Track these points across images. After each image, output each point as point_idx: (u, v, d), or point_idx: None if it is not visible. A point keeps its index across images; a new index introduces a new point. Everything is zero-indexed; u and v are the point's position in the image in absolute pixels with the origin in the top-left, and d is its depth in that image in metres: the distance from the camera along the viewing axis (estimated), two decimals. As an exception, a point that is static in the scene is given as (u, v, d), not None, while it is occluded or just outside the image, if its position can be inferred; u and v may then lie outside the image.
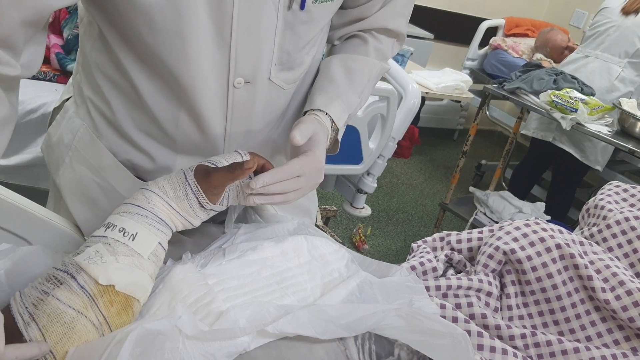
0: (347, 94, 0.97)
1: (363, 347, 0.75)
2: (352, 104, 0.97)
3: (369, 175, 2.32)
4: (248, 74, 0.86)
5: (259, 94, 0.90)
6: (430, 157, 4.59)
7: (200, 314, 0.71)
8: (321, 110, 0.93)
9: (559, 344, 0.94)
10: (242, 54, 0.84)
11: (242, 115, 0.91)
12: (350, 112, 0.97)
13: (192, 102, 0.86)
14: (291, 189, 0.83)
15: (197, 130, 0.90)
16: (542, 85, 2.75)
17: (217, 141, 0.93)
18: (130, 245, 0.71)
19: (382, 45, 1.04)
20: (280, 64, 0.89)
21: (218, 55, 0.83)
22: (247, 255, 0.84)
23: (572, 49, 3.94)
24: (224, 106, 0.88)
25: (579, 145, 2.97)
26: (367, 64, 1.01)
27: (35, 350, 0.60)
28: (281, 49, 0.87)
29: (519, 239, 1.08)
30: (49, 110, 1.90)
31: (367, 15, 1.00)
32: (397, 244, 3.22)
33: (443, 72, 3.37)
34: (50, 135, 1.04)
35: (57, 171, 1.01)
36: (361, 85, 0.99)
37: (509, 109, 4.55)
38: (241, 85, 0.87)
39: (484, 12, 4.62)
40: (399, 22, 1.04)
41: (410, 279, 0.88)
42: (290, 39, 0.87)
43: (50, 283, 0.66)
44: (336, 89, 0.96)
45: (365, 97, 1.02)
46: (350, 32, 1.04)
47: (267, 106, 0.93)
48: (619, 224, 1.17)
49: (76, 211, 0.98)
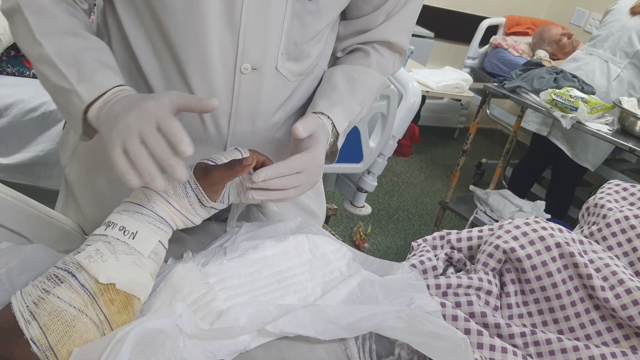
0: (349, 101, 0.98)
1: (364, 346, 0.76)
2: (353, 111, 0.99)
3: (369, 173, 2.33)
4: (255, 60, 0.88)
5: (265, 83, 0.91)
6: (430, 156, 4.60)
7: (201, 312, 0.71)
8: (323, 113, 0.94)
9: (559, 342, 0.95)
10: (251, 39, 0.86)
11: (247, 104, 0.92)
12: (350, 119, 0.99)
13: (198, 85, 0.88)
14: (291, 185, 0.83)
15: (199, 116, 0.91)
16: (543, 83, 2.75)
17: (221, 130, 0.93)
18: (131, 244, 0.71)
19: (384, 59, 1.06)
20: (287, 53, 0.91)
21: (227, 37, 0.85)
22: (248, 254, 0.84)
23: (569, 35, 3.95)
24: (229, 92, 0.90)
25: (571, 142, 2.97)
26: (368, 75, 1.03)
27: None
28: (289, 37, 0.89)
29: (519, 237, 1.08)
30: (50, 109, 1.90)
31: (371, 28, 1.02)
32: (397, 242, 3.22)
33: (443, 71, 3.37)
34: (66, 130, 1.08)
35: (67, 165, 1.04)
36: (362, 94, 1.01)
37: (509, 107, 4.54)
38: (248, 71, 0.88)
39: (485, 11, 4.62)
40: (400, 36, 1.05)
41: (412, 276, 0.89)
42: (298, 29, 0.89)
43: (50, 281, 0.66)
44: (338, 95, 0.97)
45: (366, 107, 1.04)
46: (354, 44, 1.06)
47: (271, 97, 0.94)
48: (619, 223, 1.18)
49: (84, 205, 0.99)
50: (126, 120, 0.71)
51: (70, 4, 0.86)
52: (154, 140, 0.69)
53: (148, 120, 0.70)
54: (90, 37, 0.84)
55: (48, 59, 0.80)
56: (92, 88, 0.79)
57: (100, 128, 0.77)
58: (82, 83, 0.79)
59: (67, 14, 0.83)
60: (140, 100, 0.73)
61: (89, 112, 0.79)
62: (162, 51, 0.88)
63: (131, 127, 0.70)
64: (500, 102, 4.52)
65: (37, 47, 0.81)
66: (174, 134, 0.68)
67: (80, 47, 0.81)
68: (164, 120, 0.69)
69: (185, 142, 0.68)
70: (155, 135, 0.69)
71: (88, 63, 0.80)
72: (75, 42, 0.82)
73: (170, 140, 0.69)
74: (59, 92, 0.81)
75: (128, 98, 0.77)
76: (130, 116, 0.71)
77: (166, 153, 0.68)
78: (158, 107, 0.71)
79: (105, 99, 0.78)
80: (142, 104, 0.72)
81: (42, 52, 0.80)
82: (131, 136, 0.69)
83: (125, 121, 0.71)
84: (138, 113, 0.71)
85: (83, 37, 0.83)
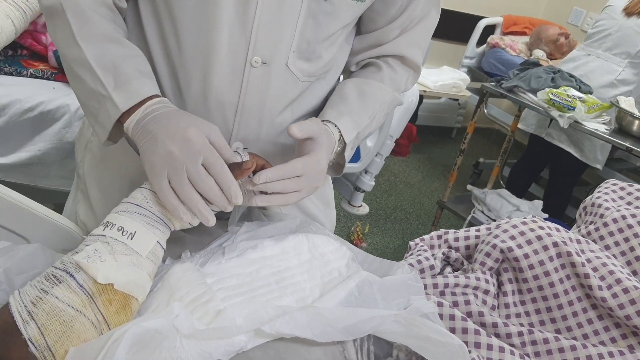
0: (358, 113, 0.98)
1: (362, 348, 0.76)
2: (362, 123, 0.99)
3: (366, 173, 2.33)
4: (266, 55, 0.88)
5: (274, 78, 0.91)
6: (428, 156, 4.60)
7: (198, 312, 0.71)
8: (331, 122, 0.94)
9: (556, 341, 0.95)
10: (263, 33, 0.86)
11: (255, 97, 0.92)
12: (359, 130, 0.98)
13: (207, 74, 0.88)
14: (292, 189, 0.83)
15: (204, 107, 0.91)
16: (540, 83, 2.76)
17: (227, 122, 0.93)
18: (129, 244, 0.71)
19: (397, 75, 1.06)
20: (299, 51, 0.91)
21: (239, 28, 0.85)
22: (247, 254, 0.84)
23: (567, 35, 3.96)
24: (238, 83, 0.90)
25: (578, 144, 2.97)
26: (380, 89, 1.03)
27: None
28: (302, 36, 0.89)
29: (516, 237, 1.08)
30: (47, 108, 1.90)
31: (385, 42, 1.03)
32: (395, 242, 3.22)
33: (441, 71, 3.38)
34: (82, 123, 1.10)
35: (82, 159, 1.07)
36: (372, 108, 1.01)
37: (506, 107, 4.55)
38: (258, 64, 0.89)
39: (482, 10, 4.62)
40: (414, 52, 1.05)
41: (411, 277, 0.88)
42: (312, 28, 0.89)
43: (49, 282, 0.66)
44: (347, 106, 0.97)
45: (377, 121, 1.03)
46: (367, 57, 1.06)
47: (280, 94, 0.94)
48: (616, 222, 1.18)
49: (94, 197, 1.03)
50: (168, 150, 0.74)
51: (112, 8, 0.87)
52: (205, 186, 0.74)
53: (193, 157, 0.73)
54: (128, 44, 0.86)
55: (86, 63, 0.81)
56: (127, 96, 0.80)
57: (138, 144, 0.79)
58: (117, 90, 0.80)
59: (108, 20, 0.85)
60: (179, 125, 0.76)
61: (126, 122, 0.81)
62: (171, 37, 0.88)
63: (177, 161, 0.73)
64: (497, 101, 4.52)
65: (76, 49, 0.82)
66: (227, 185, 0.75)
67: (119, 55, 0.82)
68: (210, 158, 0.74)
69: (237, 194, 0.75)
70: (205, 177, 0.74)
71: (125, 70, 0.81)
72: (115, 49, 0.83)
73: (220, 185, 0.75)
74: (94, 96, 0.82)
75: (166, 116, 0.79)
76: (172, 146, 0.74)
77: (217, 197, 0.75)
78: (201, 140, 0.74)
79: (142, 111, 0.80)
80: (185, 133, 0.74)
81: (81, 56, 0.81)
82: (179, 174, 0.73)
83: (167, 150, 0.74)
84: (181, 145, 0.74)
85: (122, 45, 0.84)
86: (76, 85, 0.85)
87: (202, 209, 0.74)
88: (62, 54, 0.85)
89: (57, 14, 0.83)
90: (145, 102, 0.81)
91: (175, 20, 0.86)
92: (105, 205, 0.99)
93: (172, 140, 0.74)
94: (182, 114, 0.80)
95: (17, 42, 2.04)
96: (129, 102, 0.80)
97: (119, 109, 0.80)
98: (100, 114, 0.82)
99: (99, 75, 0.81)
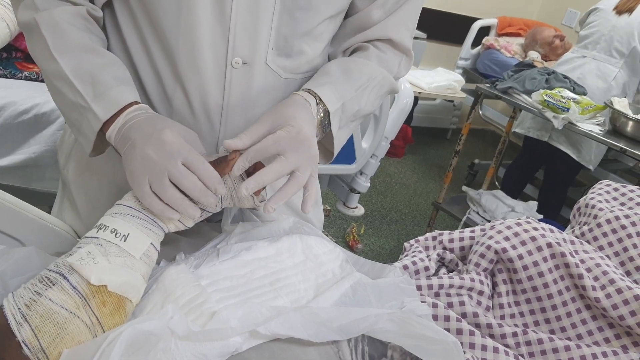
0: (341, 84, 0.93)
1: (356, 348, 0.76)
2: (347, 94, 0.93)
3: (362, 174, 2.33)
4: (246, 55, 0.88)
5: (256, 78, 0.91)
6: (423, 157, 4.61)
7: (193, 314, 0.71)
8: (308, 91, 0.89)
9: (550, 342, 0.95)
10: (241, 33, 0.86)
11: (239, 97, 0.91)
12: (344, 101, 0.92)
13: (189, 78, 0.88)
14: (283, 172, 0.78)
15: (190, 111, 0.91)
16: (534, 84, 2.77)
17: (214, 124, 0.93)
18: (122, 246, 0.71)
19: (386, 56, 1.02)
20: (277, 48, 0.90)
21: (218, 29, 0.85)
22: (241, 255, 0.84)
23: (562, 37, 3.97)
24: (221, 84, 0.89)
25: (576, 145, 2.98)
26: (366, 65, 0.98)
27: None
28: (278, 32, 0.89)
29: (511, 238, 1.08)
30: (42, 110, 1.90)
31: (369, 25, 0.99)
32: (390, 243, 3.22)
33: (436, 72, 3.39)
34: (64, 130, 1.09)
35: (65, 166, 1.06)
36: (359, 81, 0.95)
37: (501, 108, 4.56)
38: (239, 65, 0.88)
39: (477, 12, 4.63)
40: (402, 34, 1.02)
41: (403, 280, 0.89)
42: (288, 24, 0.89)
43: (42, 284, 0.66)
44: (330, 77, 0.93)
45: (368, 99, 0.97)
46: (353, 44, 1.02)
47: (263, 92, 0.93)
48: (610, 223, 1.18)
49: (80, 205, 1.02)
50: (145, 154, 0.74)
51: (87, 18, 0.86)
52: (187, 182, 0.73)
53: (172, 158, 0.73)
54: (105, 53, 0.85)
55: (64, 76, 0.81)
56: (107, 106, 0.80)
57: (120, 151, 0.79)
58: (96, 100, 0.80)
59: (83, 31, 0.84)
60: (155, 128, 0.76)
61: (108, 131, 0.80)
62: (153, 44, 0.88)
63: (155, 164, 0.73)
64: (492, 102, 4.53)
65: (53, 63, 0.82)
66: (207, 177, 0.74)
67: (96, 64, 0.82)
68: (189, 157, 0.74)
69: (219, 182, 0.75)
70: (187, 174, 0.74)
71: (103, 80, 0.81)
72: (91, 59, 0.82)
73: (202, 181, 0.74)
74: (75, 108, 0.82)
75: (144, 122, 0.78)
76: (149, 150, 0.74)
77: (201, 191, 0.74)
78: (177, 141, 0.74)
79: (122, 119, 0.79)
80: (160, 136, 0.74)
81: (59, 69, 0.81)
82: (159, 178, 0.73)
83: (144, 154, 0.74)
84: (157, 148, 0.73)
85: (99, 54, 0.84)
86: (57, 99, 0.85)
87: (187, 206, 0.75)
88: (41, 69, 0.85)
89: (32, 29, 0.83)
90: (125, 109, 0.80)
91: (155, 25, 0.86)
92: (92, 213, 0.98)
93: (148, 144, 0.74)
94: (159, 118, 0.80)
95: (11, 45, 2.05)
96: (109, 112, 0.79)
97: (99, 119, 0.79)
98: (83, 125, 0.82)
99: (77, 87, 0.80)
